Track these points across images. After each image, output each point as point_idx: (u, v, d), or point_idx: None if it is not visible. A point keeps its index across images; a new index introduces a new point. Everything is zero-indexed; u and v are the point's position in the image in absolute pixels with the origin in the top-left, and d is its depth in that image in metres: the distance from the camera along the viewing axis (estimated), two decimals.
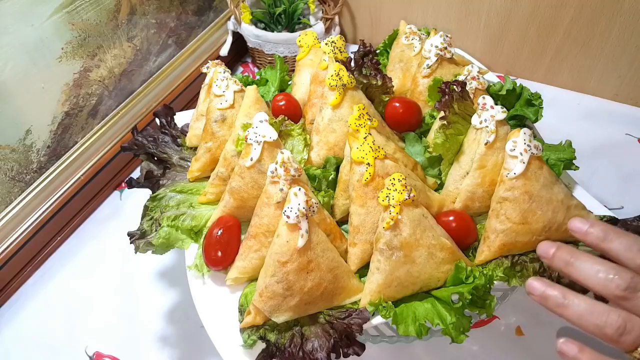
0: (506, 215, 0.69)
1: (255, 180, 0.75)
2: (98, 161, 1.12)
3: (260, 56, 1.38)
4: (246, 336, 0.66)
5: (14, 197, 0.98)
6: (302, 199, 0.64)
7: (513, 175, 0.67)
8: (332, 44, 0.86)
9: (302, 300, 0.65)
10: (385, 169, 0.70)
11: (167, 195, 0.82)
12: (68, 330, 0.93)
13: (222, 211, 0.77)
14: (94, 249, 1.07)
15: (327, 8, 1.39)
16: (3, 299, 0.99)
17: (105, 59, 1.08)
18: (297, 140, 0.81)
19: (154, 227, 0.78)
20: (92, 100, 1.08)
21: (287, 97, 0.89)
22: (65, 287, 1.01)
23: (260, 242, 0.71)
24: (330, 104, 0.79)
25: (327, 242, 0.68)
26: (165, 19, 1.21)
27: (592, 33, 1.13)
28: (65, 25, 0.97)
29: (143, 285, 0.99)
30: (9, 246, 0.98)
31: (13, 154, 0.95)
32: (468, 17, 1.24)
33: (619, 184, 1.08)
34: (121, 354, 0.89)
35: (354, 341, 0.64)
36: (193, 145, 0.91)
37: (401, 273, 0.66)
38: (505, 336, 0.85)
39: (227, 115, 0.83)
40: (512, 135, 0.70)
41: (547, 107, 0.85)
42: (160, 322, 0.93)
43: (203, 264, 0.75)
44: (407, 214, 0.64)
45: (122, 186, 1.19)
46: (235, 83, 0.85)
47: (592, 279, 0.46)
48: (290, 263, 0.63)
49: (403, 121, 0.86)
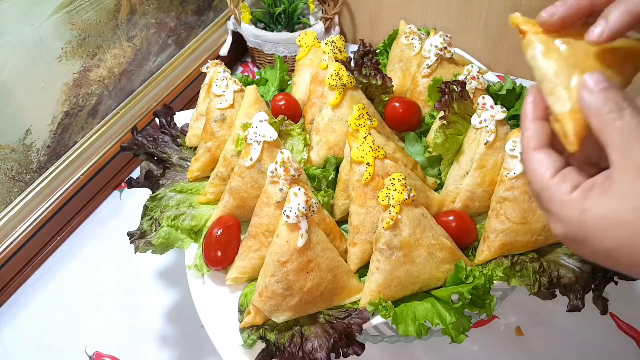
0: (506, 215, 0.69)
1: (255, 180, 0.75)
2: (98, 161, 1.12)
3: (260, 56, 1.38)
4: (246, 336, 0.66)
5: (14, 197, 0.98)
6: (302, 199, 0.64)
7: (513, 175, 0.68)
8: (332, 44, 0.86)
9: (302, 300, 0.65)
10: (385, 169, 0.70)
11: (167, 195, 0.82)
12: (68, 330, 0.93)
13: (222, 211, 0.77)
14: (94, 249, 1.07)
15: (327, 8, 1.39)
16: (3, 299, 0.99)
17: (105, 59, 1.08)
18: (297, 140, 0.81)
19: (154, 227, 0.78)
20: (92, 100, 1.08)
21: (287, 97, 0.89)
22: (65, 287, 1.01)
23: (260, 242, 0.71)
24: (330, 104, 0.79)
25: (327, 242, 0.68)
26: (165, 19, 1.21)
27: None
28: (65, 25, 0.97)
29: (143, 285, 0.99)
30: (9, 246, 0.98)
31: (13, 154, 0.95)
32: (468, 17, 1.24)
33: None
34: (121, 354, 0.89)
35: (354, 341, 0.64)
36: (193, 145, 0.91)
37: (401, 273, 0.66)
38: (505, 336, 0.85)
39: (227, 115, 0.83)
40: (512, 135, 0.70)
41: None
42: (160, 322, 0.93)
43: (203, 264, 0.75)
44: (407, 214, 0.64)
45: (122, 186, 1.19)
46: (235, 83, 0.85)
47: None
48: (290, 263, 0.63)
49: (403, 121, 0.86)
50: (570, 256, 0.70)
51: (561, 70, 0.41)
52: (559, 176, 0.39)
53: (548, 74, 0.41)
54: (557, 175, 0.39)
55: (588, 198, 0.37)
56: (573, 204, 0.37)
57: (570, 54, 0.41)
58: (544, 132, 0.42)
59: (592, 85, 0.38)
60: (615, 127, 0.36)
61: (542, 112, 0.42)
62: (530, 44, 0.43)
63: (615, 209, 0.35)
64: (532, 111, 0.43)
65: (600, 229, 0.36)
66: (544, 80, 0.41)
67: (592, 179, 0.38)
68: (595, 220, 0.36)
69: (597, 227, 0.36)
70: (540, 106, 0.42)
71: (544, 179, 0.39)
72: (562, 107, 0.40)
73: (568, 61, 0.41)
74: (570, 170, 0.39)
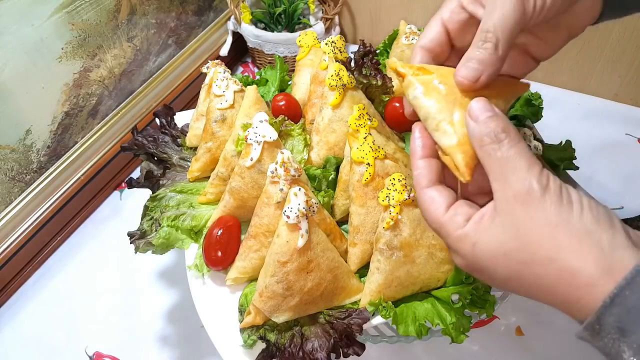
0: None
1: (255, 180, 0.75)
2: (98, 161, 1.12)
3: (260, 56, 1.38)
4: (246, 336, 0.66)
5: (14, 197, 0.98)
6: (302, 199, 0.64)
7: None
8: (332, 44, 0.86)
9: (302, 300, 0.65)
10: (385, 169, 0.70)
11: (167, 195, 0.82)
12: (68, 330, 0.93)
13: (222, 211, 0.77)
14: (94, 249, 1.07)
15: (327, 8, 1.39)
16: (3, 299, 0.99)
17: (105, 59, 1.08)
18: (297, 140, 0.81)
19: (154, 227, 0.78)
20: (92, 100, 1.08)
21: (287, 97, 0.89)
22: (65, 287, 1.01)
23: (260, 242, 0.71)
24: (330, 104, 0.79)
25: (327, 242, 0.68)
26: (165, 19, 1.21)
27: (592, 33, 1.13)
28: (65, 25, 0.97)
29: (143, 285, 0.99)
30: (9, 246, 0.98)
31: (13, 154, 0.95)
32: None
33: (619, 184, 1.08)
34: (121, 354, 0.89)
35: (354, 341, 0.64)
36: (193, 145, 0.91)
37: (401, 273, 0.66)
38: (505, 336, 0.85)
39: (227, 115, 0.83)
40: None
41: (547, 107, 0.85)
42: (160, 322, 0.93)
43: (203, 264, 0.74)
44: (407, 214, 0.64)
45: (122, 186, 1.19)
46: (235, 83, 0.85)
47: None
48: (290, 263, 0.63)
49: (403, 121, 0.86)
50: None
51: (443, 107, 0.42)
52: (451, 211, 0.40)
53: (431, 112, 0.42)
54: (449, 211, 0.40)
55: (478, 231, 0.38)
56: (465, 238, 0.38)
57: (448, 92, 0.42)
58: (432, 169, 0.43)
59: (477, 113, 0.39)
60: (496, 158, 0.37)
61: (428, 150, 0.43)
62: (410, 85, 0.43)
63: (500, 240, 0.36)
64: (419, 150, 0.44)
65: (491, 261, 0.37)
66: (427, 117, 0.42)
67: (482, 210, 0.39)
68: (486, 252, 0.37)
69: (489, 260, 0.37)
70: (426, 144, 0.43)
71: (438, 216, 0.40)
72: (449, 141, 0.41)
73: (448, 98, 0.42)
74: (461, 204, 0.40)
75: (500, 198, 0.37)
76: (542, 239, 0.34)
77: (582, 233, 0.34)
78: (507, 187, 0.36)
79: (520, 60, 0.48)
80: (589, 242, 0.33)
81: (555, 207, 0.35)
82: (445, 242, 0.40)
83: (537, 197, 0.35)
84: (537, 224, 0.35)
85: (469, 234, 0.38)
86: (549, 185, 0.36)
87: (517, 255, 0.35)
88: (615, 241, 0.33)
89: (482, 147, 0.38)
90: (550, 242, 0.34)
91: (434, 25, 0.46)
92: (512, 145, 0.37)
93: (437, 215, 0.40)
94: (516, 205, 0.36)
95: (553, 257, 0.34)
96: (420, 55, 0.46)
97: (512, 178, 0.36)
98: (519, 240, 0.35)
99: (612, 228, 0.34)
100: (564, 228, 0.34)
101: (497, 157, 0.37)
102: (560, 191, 0.36)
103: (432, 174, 0.43)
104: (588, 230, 0.34)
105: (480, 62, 0.41)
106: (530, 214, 0.35)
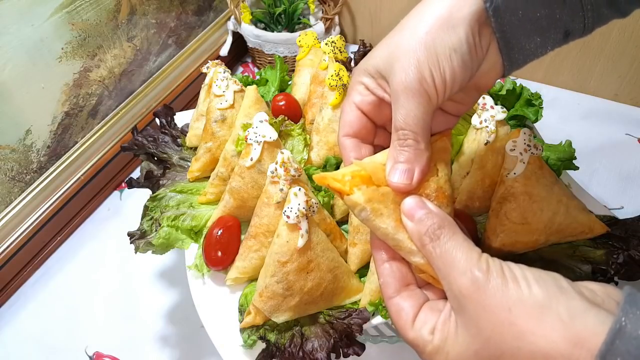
0: (506, 215, 0.68)
1: (255, 180, 0.75)
2: (98, 161, 1.12)
3: (260, 56, 1.38)
4: (246, 336, 0.66)
5: (14, 197, 0.98)
6: (302, 199, 0.64)
7: (513, 176, 0.67)
8: (332, 44, 0.86)
9: (302, 300, 0.65)
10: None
11: (167, 195, 0.82)
12: (68, 330, 0.93)
13: (222, 211, 0.77)
14: (94, 249, 1.07)
15: (327, 8, 1.39)
16: (3, 299, 0.99)
17: (105, 59, 1.08)
18: (297, 140, 0.81)
19: (154, 227, 0.78)
20: (92, 100, 1.08)
21: (287, 97, 0.89)
22: (65, 287, 1.01)
23: (260, 242, 0.71)
24: (330, 104, 0.79)
25: (327, 242, 0.68)
26: (165, 19, 1.21)
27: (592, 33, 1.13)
28: (65, 25, 0.97)
29: (143, 285, 0.99)
30: (9, 246, 0.98)
31: (13, 154, 0.95)
32: None
33: (619, 184, 1.08)
34: (121, 354, 0.89)
35: (354, 341, 0.64)
36: (193, 145, 0.91)
37: None
38: None
39: (227, 115, 0.83)
40: (512, 135, 0.69)
41: (547, 107, 0.85)
42: (160, 322, 0.93)
43: (203, 264, 0.74)
44: None
45: (122, 186, 1.19)
46: (235, 83, 0.85)
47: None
48: (290, 263, 0.63)
49: None
50: (570, 257, 0.70)
51: (399, 224, 0.41)
52: (418, 323, 0.40)
53: (389, 232, 0.41)
54: (416, 323, 0.40)
55: (446, 340, 0.38)
56: (437, 351, 0.38)
57: (397, 202, 0.41)
58: (396, 275, 0.43)
59: (411, 212, 0.40)
60: (437, 256, 0.38)
61: (387, 254, 0.43)
62: (354, 206, 0.41)
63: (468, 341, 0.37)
64: (379, 257, 0.44)
65: None
66: (387, 237, 0.42)
67: (442, 315, 0.39)
68: (460, 357, 0.37)
69: None
70: (387, 249, 0.43)
71: (407, 331, 0.40)
72: (419, 259, 0.41)
73: (397, 206, 0.41)
74: (425, 312, 0.40)
75: (451, 297, 0.37)
76: (503, 329, 0.34)
77: (537, 310, 0.33)
78: (452, 284, 0.37)
79: (440, 120, 0.47)
80: (547, 319, 0.33)
81: (502, 290, 0.35)
82: (421, 357, 0.40)
83: (482, 286, 0.35)
84: (492, 312, 0.35)
85: (439, 347, 0.38)
86: (490, 269, 0.36)
87: (487, 352, 0.35)
88: (572, 309, 0.33)
89: (424, 247, 0.39)
90: (511, 330, 0.34)
91: (350, 111, 0.46)
92: (447, 239, 0.38)
93: (405, 331, 0.40)
94: (466, 301, 0.36)
95: (519, 345, 0.34)
96: (349, 148, 0.46)
97: (454, 274, 0.37)
98: (482, 336, 0.35)
99: (563, 294, 0.34)
100: (518, 310, 0.34)
101: (438, 255, 0.38)
102: (503, 271, 0.36)
103: (396, 280, 0.43)
104: (541, 305, 0.33)
105: (407, 161, 0.41)
106: (482, 304, 0.35)
